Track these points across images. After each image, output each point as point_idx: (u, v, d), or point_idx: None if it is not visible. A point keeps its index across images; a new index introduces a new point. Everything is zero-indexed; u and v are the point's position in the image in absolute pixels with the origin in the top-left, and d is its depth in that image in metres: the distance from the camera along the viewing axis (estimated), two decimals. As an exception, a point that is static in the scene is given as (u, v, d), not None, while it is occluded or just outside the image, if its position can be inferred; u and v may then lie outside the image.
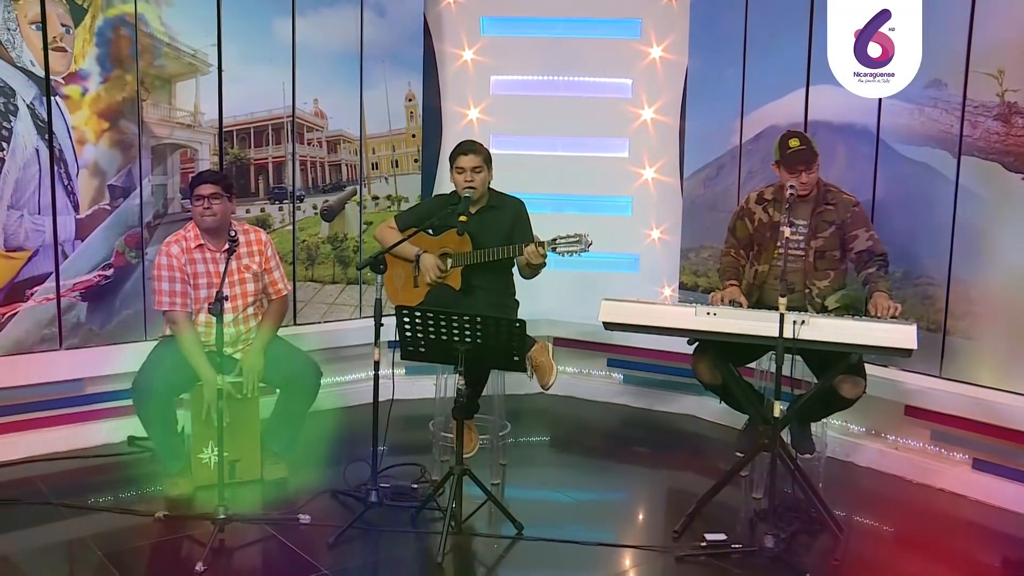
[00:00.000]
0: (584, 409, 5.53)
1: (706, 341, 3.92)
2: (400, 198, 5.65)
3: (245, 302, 4.14)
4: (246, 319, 4.17)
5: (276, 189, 5.20)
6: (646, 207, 5.74)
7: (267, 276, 4.21)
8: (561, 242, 4.05)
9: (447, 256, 4.38)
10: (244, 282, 4.14)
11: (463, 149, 4.30)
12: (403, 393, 4.77)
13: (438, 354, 3.64)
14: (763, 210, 4.17)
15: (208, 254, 4.06)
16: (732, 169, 5.21)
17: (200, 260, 4.06)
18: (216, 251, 4.03)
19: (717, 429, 5.13)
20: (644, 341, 5.16)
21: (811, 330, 3.57)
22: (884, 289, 3.86)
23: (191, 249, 4.04)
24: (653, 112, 5.66)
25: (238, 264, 4.11)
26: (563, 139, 5.78)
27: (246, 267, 4.13)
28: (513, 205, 4.41)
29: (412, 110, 5.64)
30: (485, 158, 4.31)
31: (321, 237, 5.38)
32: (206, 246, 4.05)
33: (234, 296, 4.08)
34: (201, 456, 4.07)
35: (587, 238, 3.99)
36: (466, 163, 4.26)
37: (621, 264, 5.78)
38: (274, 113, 5.10)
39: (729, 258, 4.28)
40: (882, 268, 3.98)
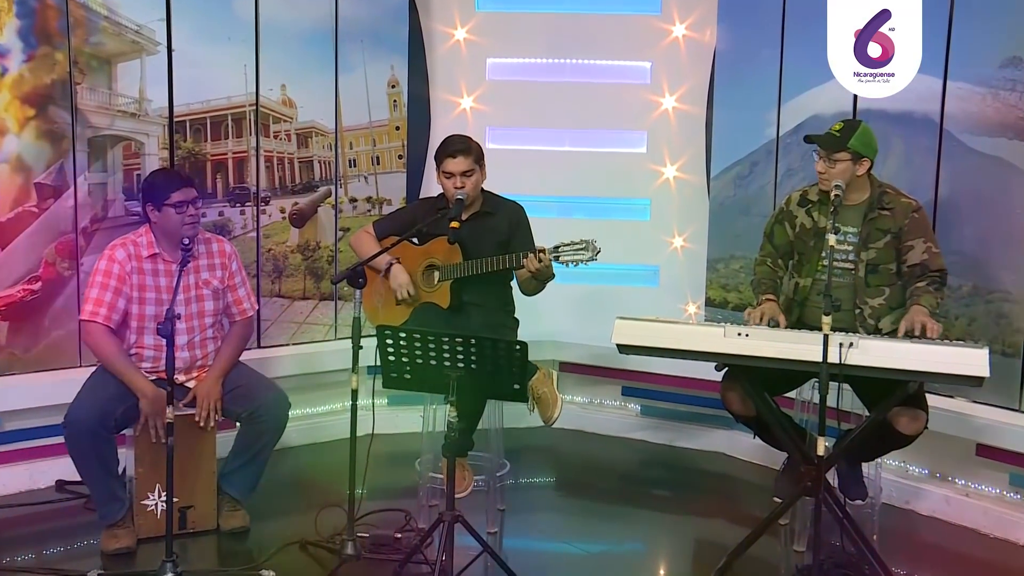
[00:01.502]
0: (595, 445, 5.54)
1: (737, 367, 3.91)
2: (381, 200, 5.65)
3: (202, 323, 4.13)
4: (203, 343, 4.15)
5: (237, 190, 5.18)
6: (667, 211, 5.75)
7: (230, 294, 4.21)
8: (565, 250, 4.06)
9: (434, 268, 4.40)
10: (202, 299, 4.12)
11: (450, 150, 4.30)
12: (385, 427, 4.74)
13: (426, 382, 3.64)
14: (806, 213, 4.17)
15: (162, 265, 4.04)
16: (767, 166, 5.20)
17: (150, 272, 4.04)
18: (173, 262, 4.02)
19: (751, 469, 5.13)
20: (665, 366, 5.18)
21: (861, 354, 3.56)
22: (926, 304, 3.86)
23: (142, 258, 4.02)
24: (675, 100, 5.67)
25: (196, 279, 4.10)
26: (570, 132, 5.80)
27: (205, 282, 4.13)
28: (510, 210, 4.43)
29: (395, 98, 5.65)
30: (476, 157, 4.32)
31: (290, 246, 5.37)
32: (161, 256, 4.04)
33: (189, 316, 4.07)
34: (146, 503, 4.04)
35: (595, 245, 4.01)
36: (454, 167, 4.27)
37: (638, 277, 5.80)
38: (234, 101, 5.07)
39: (765, 268, 4.29)
40: (933, 284, 3.98)
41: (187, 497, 4.04)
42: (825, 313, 3.47)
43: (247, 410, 4.10)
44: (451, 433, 3.55)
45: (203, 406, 4.02)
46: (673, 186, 5.75)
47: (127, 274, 4.00)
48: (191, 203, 3.98)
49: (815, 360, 3.51)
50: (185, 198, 3.98)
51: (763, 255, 4.33)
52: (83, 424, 3.88)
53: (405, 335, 3.55)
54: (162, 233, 4.04)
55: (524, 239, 4.36)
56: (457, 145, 4.30)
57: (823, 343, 3.47)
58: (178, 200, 3.96)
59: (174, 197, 3.97)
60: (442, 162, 4.31)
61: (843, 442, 3.88)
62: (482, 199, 4.41)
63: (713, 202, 5.50)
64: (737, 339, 3.72)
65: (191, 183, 4.06)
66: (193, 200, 4.00)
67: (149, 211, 4.04)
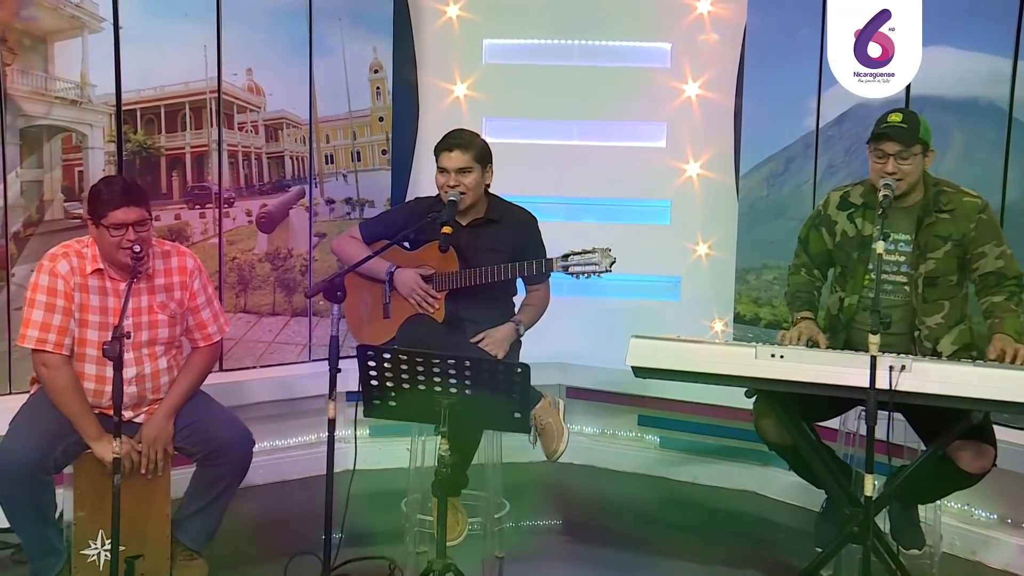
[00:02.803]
0: (608, 483, 5.55)
1: (771, 393, 3.88)
2: (363, 202, 5.64)
3: (153, 353, 4.04)
4: (154, 376, 4.05)
5: (196, 189, 5.15)
6: (690, 214, 5.75)
7: (191, 317, 4.13)
8: (574, 259, 4.07)
9: (427, 278, 4.41)
10: (156, 325, 4.03)
11: (447, 144, 4.34)
12: (367, 462, 4.65)
13: (414, 410, 3.62)
14: (848, 219, 4.14)
15: (109, 283, 3.95)
16: (806, 163, 5.19)
17: (96, 290, 3.94)
18: (122, 280, 3.93)
19: (787, 511, 5.12)
20: (688, 393, 5.16)
21: (915, 378, 3.54)
22: (1011, 330, 3.83)
23: (86, 273, 3.95)
24: (699, 87, 5.66)
25: (150, 301, 4.00)
26: (579, 124, 5.79)
27: (161, 305, 4.03)
28: (519, 220, 4.45)
29: (379, 85, 5.64)
30: (478, 155, 4.34)
31: (257, 254, 5.36)
32: (108, 272, 3.95)
33: (138, 344, 3.98)
34: (87, 552, 3.94)
35: (610, 254, 4.01)
36: (449, 163, 4.30)
37: (656, 289, 5.79)
38: (193, 87, 5.06)
39: (801, 279, 4.28)
40: (1014, 297, 3.94)
41: (136, 545, 3.92)
42: (872, 331, 3.45)
43: (204, 449, 4.03)
44: (442, 469, 3.52)
45: (147, 453, 3.94)
46: (697, 185, 5.72)
47: (70, 291, 3.93)
48: (133, 226, 3.83)
49: (861, 385, 3.49)
50: (125, 220, 3.80)
51: (798, 263, 4.31)
52: (17, 464, 3.79)
53: (390, 356, 3.53)
54: (101, 250, 3.95)
55: (535, 252, 4.38)
56: (455, 139, 4.33)
57: (870, 366, 3.44)
58: (117, 221, 3.80)
59: (112, 217, 3.80)
60: (438, 156, 4.35)
61: (895, 480, 3.85)
62: (487, 204, 4.42)
63: (743, 204, 5.49)
64: (771, 361, 3.70)
65: (139, 201, 3.86)
66: (137, 223, 3.85)
67: (89, 223, 3.95)
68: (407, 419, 3.75)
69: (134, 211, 3.82)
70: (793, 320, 4.17)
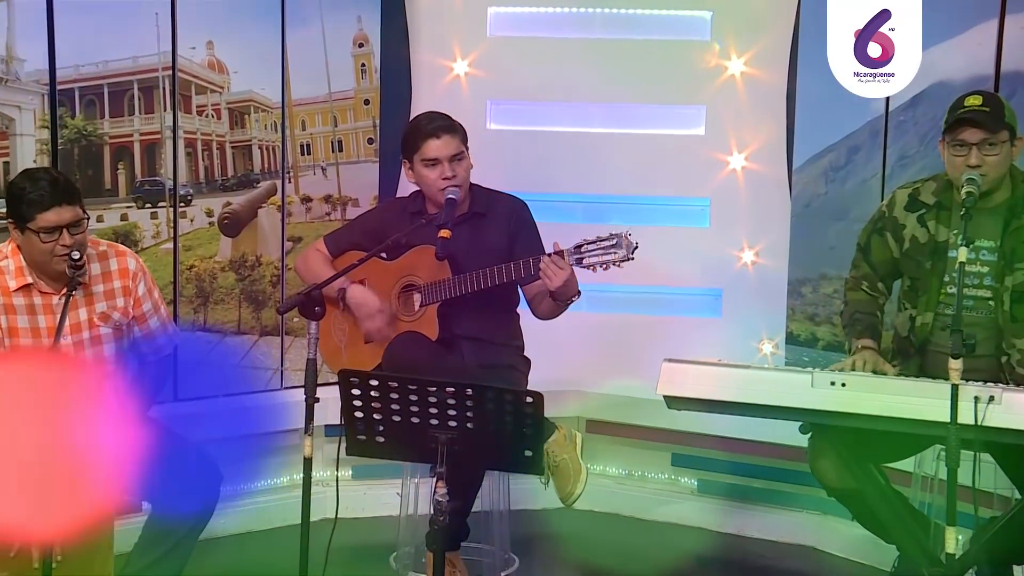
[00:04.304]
0: (635, 534, 5.54)
1: (831, 428, 3.87)
2: (345, 200, 5.64)
3: None
4: None
5: (146, 185, 5.16)
6: (733, 214, 5.75)
7: (137, 327, 4.13)
8: (589, 249, 4.09)
9: (412, 290, 4.40)
10: (98, 341, 4.03)
11: (432, 129, 4.37)
12: (350, 509, 4.79)
13: (405, 447, 3.60)
14: (918, 222, 4.13)
15: (39, 299, 3.94)
16: (873, 153, 5.21)
17: (23, 309, 3.93)
18: (56, 293, 3.93)
19: (851, 570, 5.06)
20: (730, 427, 5.18)
21: (1005, 411, 3.53)
22: None
23: (9, 291, 3.93)
24: (744, 63, 5.65)
25: (89, 314, 4.00)
26: (600, 108, 5.81)
27: (102, 317, 4.02)
28: (507, 207, 4.51)
29: (364, 62, 5.66)
30: (463, 137, 4.43)
31: (220, 261, 5.37)
32: (36, 287, 3.94)
33: None
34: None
35: (630, 238, 4.05)
36: (439, 150, 4.34)
37: (693, 304, 5.82)
38: (142, 64, 5.05)
39: (861, 295, 4.28)
40: None
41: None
42: (953, 355, 3.43)
43: (159, 488, 3.99)
44: (439, 517, 3.48)
45: None
46: (741, 180, 5.71)
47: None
48: (67, 228, 3.82)
49: (940, 420, 3.46)
50: (58, 222, 3.79)
51: (857, 275, 4.31)
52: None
53: (378, 382, 3.50)
54: (29, 259, 3.93)
55: (528, 242, 4.41)
56: (437, 122, 4.38)
57: (951, 396, 3.42)
58: (48, 225, 3.80)
59: (42, 220, 3.80)
60: (420, 147, 4.36)
61: (983, 535, 3.85)
62: (470, 196, 4.47)
63: (796, 203, 5.51)
64: (830, 390, 3.68)
65: (72, 198, 3.86)
66: (71, 224, 3.83)
67: (11, 228, 3.93)
68: (397, 458, 3.81)
69: (67, 211, 3.79)
70: (852, 348, 4.14)
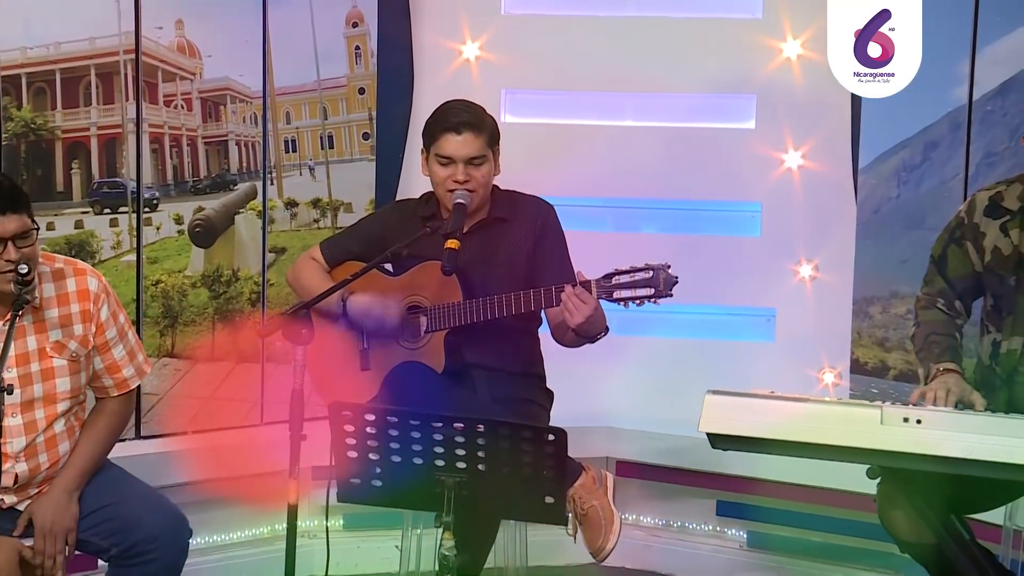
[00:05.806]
0: None
1: (904, 472, 3.81)
2: (336, 204, 5.70)
3: (50, 413, 4.03)
4: (50, 442, 4.04)
5: (105, 187, 5.18)
6: (789, 221, 5.80)
7: (100, 358, 4.12)
8: (622, 280, 4.06)
9: (418, 311, 4.41)
10: (50, 375, 4.02)
11: (452, 123, 4.34)
12: (342, 564, 4.75)
13: (405, 492, 3.62)
14: (1001, 231, 4.11)
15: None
16: (954, 149, 5.24)
17: None
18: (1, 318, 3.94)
19: None
20: (785, 471, 5.16)
21: None
22: None
23: None
24: (802, 46, 5.70)
25: (40, 341, 4.00)
26: (633, 97, 5.90)
27: (56, 346, 4.02)
28: (533, 212, 4.49)
29: (358, 44, 5.72)
30: (491, 139, 4.39)
31: (191, 276, 5.39)
32: None
33: (28, 404, 3.97)
34: None
35: (668, 272, 4.03)
36: (456, 149, 4.31)
37: (742, 326, 5.88)
38: (101, 45, 5.07)
39: (935, 314, 4.24)
40: None
41: None
42: None
43: (120, 544, 3.99)
44: (445, 574, 3.50)
45: (42, 548, 3.90)
46: (798, 182, 5.74)
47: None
48: (12, 240, 3.80)
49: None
50: (2, 233, 3.80)
51: (931, 292, 4.29)
52: None
53: (374, 417, 3.52)
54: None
55: (553, 252, 4.41)
56: (464, 115, 4.33)
57: None
58: None
59: None
60: (436, 140, 4.33)
61: None
62: (491, 200, 4.45)
63: (863, 208, 5.54)
64: (904, 427, 3.63)
65: (17, 205, 3.84)
66: (18, 235, 3.82)
67: None
68: (397, 505, 3.83)
69: (13, 220, 3.77)
70: (930, 374, 4.06)
